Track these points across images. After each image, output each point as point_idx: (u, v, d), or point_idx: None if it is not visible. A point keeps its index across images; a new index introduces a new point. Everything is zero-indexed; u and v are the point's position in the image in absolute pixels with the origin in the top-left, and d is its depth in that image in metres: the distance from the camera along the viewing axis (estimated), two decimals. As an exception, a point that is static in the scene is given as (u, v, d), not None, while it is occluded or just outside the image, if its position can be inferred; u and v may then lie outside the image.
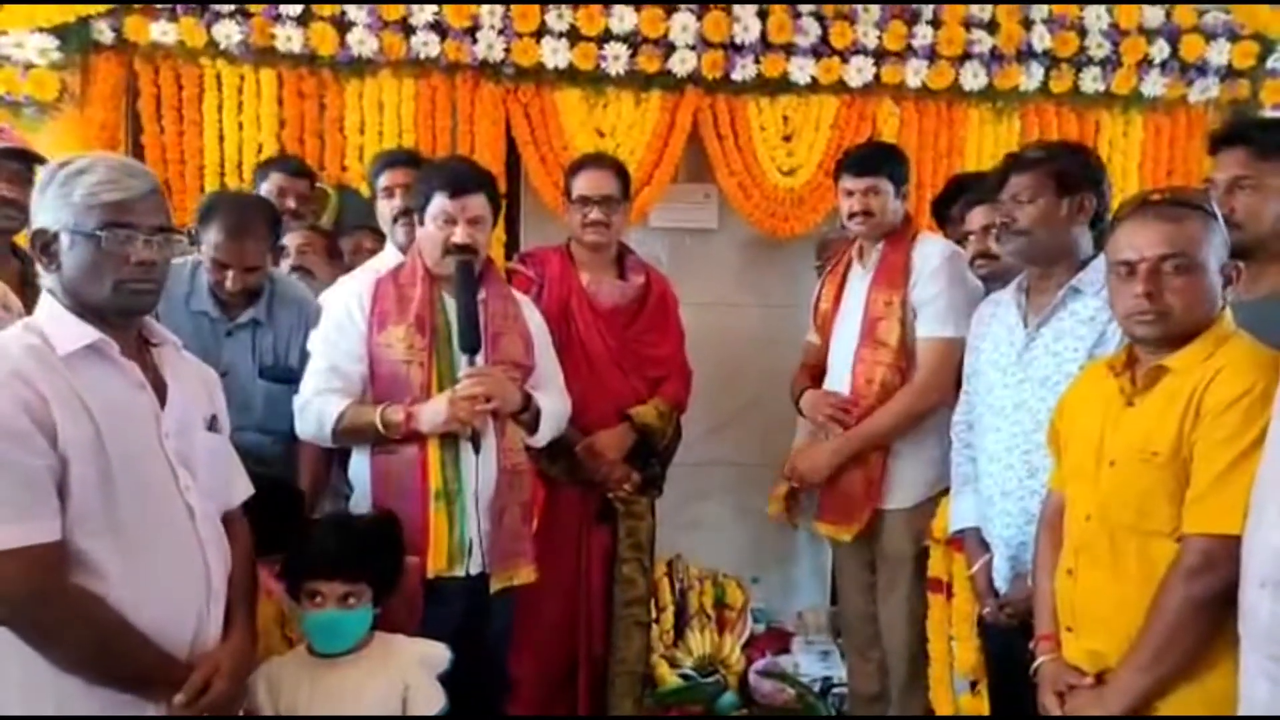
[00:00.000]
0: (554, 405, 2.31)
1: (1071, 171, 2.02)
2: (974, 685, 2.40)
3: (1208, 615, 1.45)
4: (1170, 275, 1.55)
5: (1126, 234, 1.61)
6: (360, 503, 2.14)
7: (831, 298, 2.71)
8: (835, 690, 3.16)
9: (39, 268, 1.43)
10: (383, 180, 2.57)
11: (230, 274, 2.23)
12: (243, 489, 1.67)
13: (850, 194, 2.56)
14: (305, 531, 1.82)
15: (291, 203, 2.79)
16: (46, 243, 1.41)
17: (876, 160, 2.61)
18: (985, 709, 2.30)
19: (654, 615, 3.22)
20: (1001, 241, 2.10)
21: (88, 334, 1.39)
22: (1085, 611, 1.65)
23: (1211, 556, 1.44)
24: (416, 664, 1.79)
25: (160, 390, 1.47)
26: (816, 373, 2.73)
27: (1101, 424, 1.64)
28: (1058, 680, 1.66)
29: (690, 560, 3.50)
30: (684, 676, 3.15)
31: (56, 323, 1.40)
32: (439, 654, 1.82)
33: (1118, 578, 1.58)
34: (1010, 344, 2.08)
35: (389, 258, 2.47)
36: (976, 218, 2.45)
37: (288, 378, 2.25)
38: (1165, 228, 1.57)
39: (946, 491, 2.48)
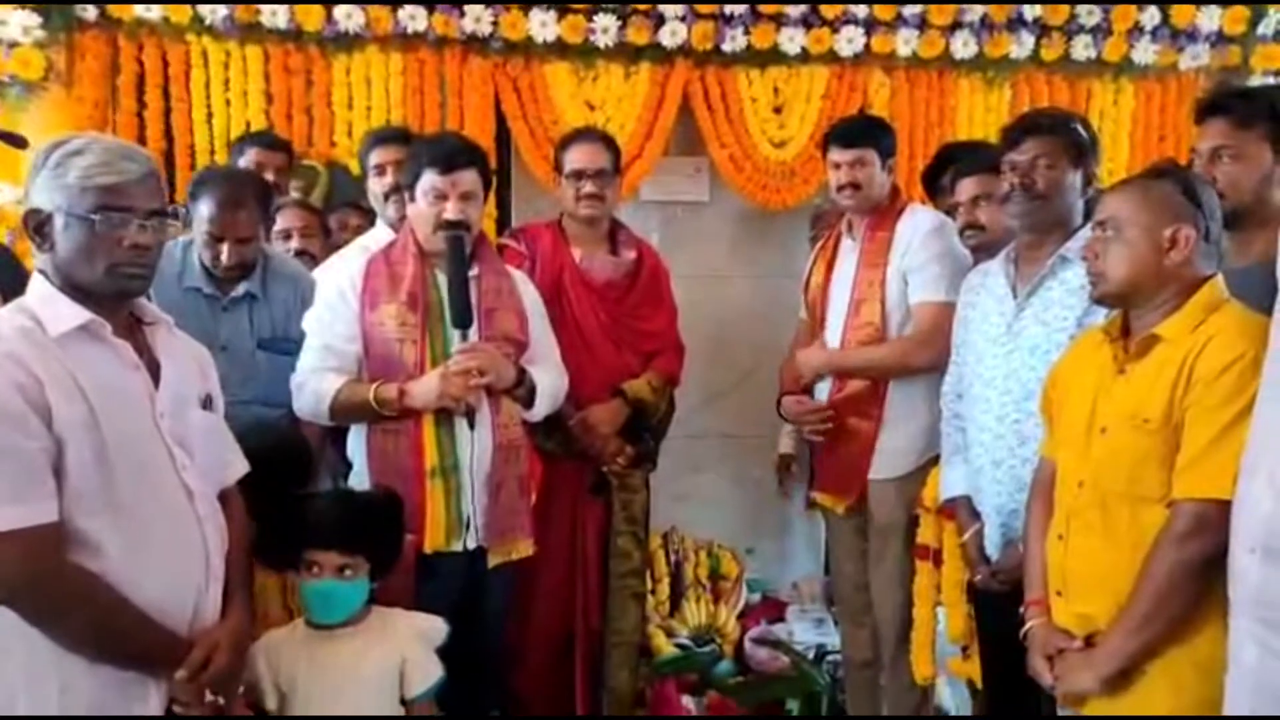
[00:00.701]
0: (550, 380, 2.32)
1: (1083, 143, 2.05)
2: (964, 650, 2.44)
3: (1197, 579, 1.47)
4: (1102, 240, 1.64)
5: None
6: (358, 480, 2.15)
7: (823, 272, 2.71)
8: (829, 657, 3.20)
9: (31, 247, 1.43)
10: (374, 158, 2.56)
11: (225, 247, 2.22)
12: (238, 467, 1.68)
13: (838, 166, 2.56)
14: (305, 503, 1.83)
15: (270, 176, 2.77)
16: (40, 223, 1.41)
17: (862, 132, 2.61)
18: (974, 673, 2.34)
19: (650, 587, 3.25)
20: (1011, 202, 2.03)
21: (80, 315, 1.39)
22: (1075, 576, 1.67)
23: (1202, 521, 1.46)
24: (413, 637, 1.81)
25: (154, 370, 1.48)
26: None
27: (1094, 392, 1.66)
28: (1047, 644, 1.68)
29: (685, 532, 3.53)
30: (680, 646, 3.19)
31: (48, 304, 1.40)
32: (436, 627, 1.85)
33: (1109, 543, 1.60)
34: (1000, 314, 2.09)
35: (380, 235, 2.46)
36: (966, 188, 2.44)
37: (287, 350, 2.25)
38: (1114, 195, 1.66)
39: (935, 460, 2.50)
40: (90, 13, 2.93)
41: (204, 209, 2.23)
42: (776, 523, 3.72)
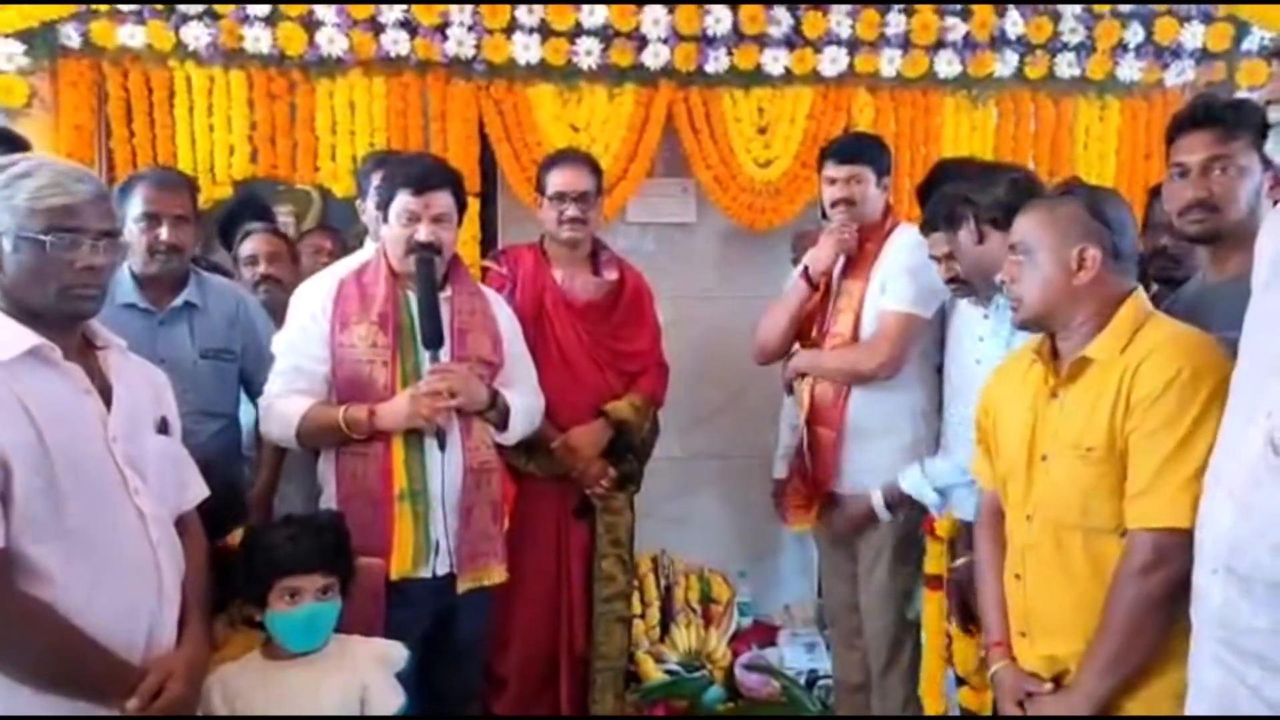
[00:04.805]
0: (525, 402, 2.30)
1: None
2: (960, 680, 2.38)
3: (1164, 610, 1.43)
4: (1017, 264, 1.64)
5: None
6: (327, 504, 2.11)
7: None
8: (821, 682, 3.16)
9: None
10: (376, 179, 2.53)
11: (163, 227, 2.20)
12: (196, 491, 1.65)
13: (833, 182, 2.57)
14: (266, 533, 1.80)
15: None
16: None
17: (860, 148, 2.62)
18: (985, 703, 2.28)
19: (640, 611, 3.22)
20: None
21: (29, 339, 1.38)
22: (1037, 616, 1.62)
23: (1161, 550, 1.42)
24: (373, 663, 1.78)
25: (106, 394, 1.46)
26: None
27: (1031, 417, 1.62)
28: (1016, 689, 1.63)
29: (677, 555, 3.50)
30: (670, 672, 3.15)
31: None
32: (396, 653, 1.82)
33: (1066, 579, 1.56)
34: (969, 335, 2.11)
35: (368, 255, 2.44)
36: (938, 244, 2.27)
37: (229, 359, 2.26)
38: (1023, 217, 1.66)
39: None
40: (74, 40, 2.94)
41: (137, 196, 2.22)
42: (768, 545, 3.68)
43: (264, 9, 2.97)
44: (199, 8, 2.96)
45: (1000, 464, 1.72)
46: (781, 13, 3.16)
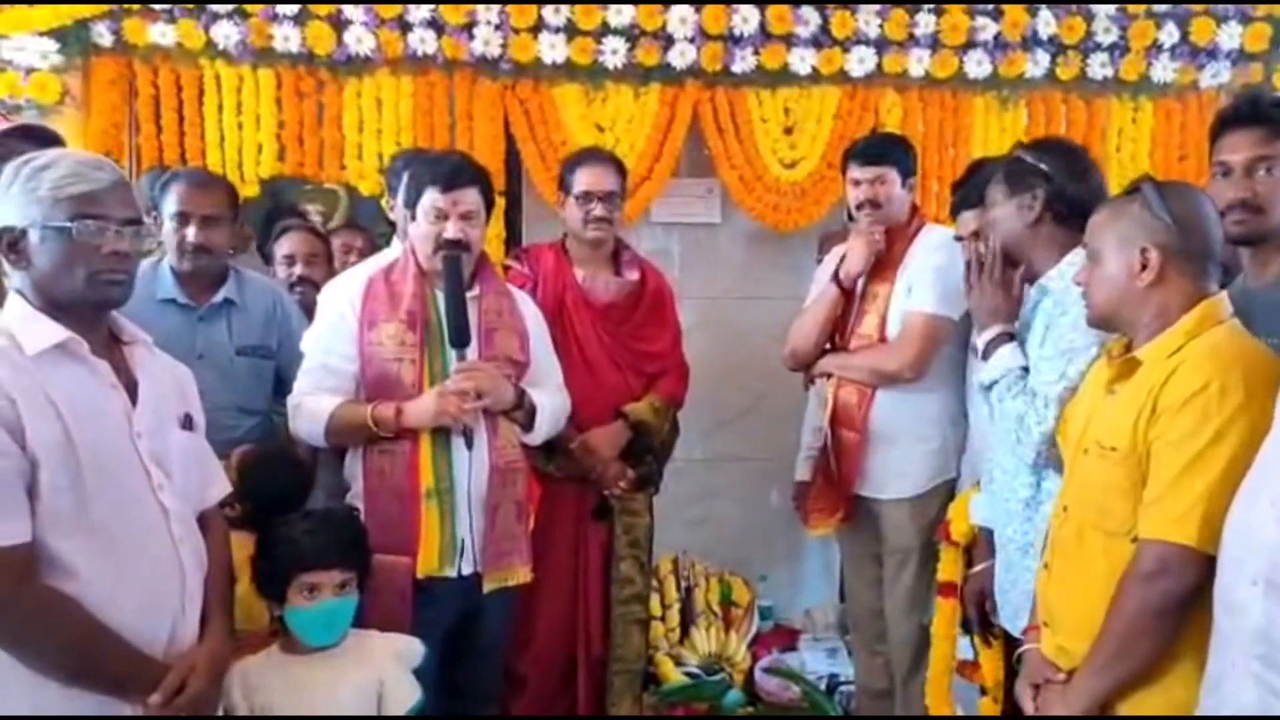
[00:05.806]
0: (552, 401, 2.29)
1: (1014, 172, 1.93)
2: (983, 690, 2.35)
3: (1165, 620, 1.41)
4: (1088, 269, 1.63)
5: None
6: (354, 501, 2.11)
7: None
8: (842, 688, 3.14)
9: (6, 267, 1.43)
10: (404, 178, 2.53)
11: (190, 227, 2.23)
12: (219, 488, 1.66)
13: (857, 184, 2.55)
14: (286, 528, 1.81)
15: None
16: (14, 240, 1.41)
17: (884, 149, 2.60)
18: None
19: (660, 613, 3.20)
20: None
21: (57, 333, 1.38)
22: (1056, 608, 1.62)
23: (1165, 562, 1.40)
24: (391, 659, 1.78)
25: (132, 389, 1.47)
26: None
27: (1089, 410, 1.61)
28: (1035, 672, 1.64)
29: (697, 557, 3.48)
30: (689, 674, 3.13)
31: (25, 322, 1.39)
32: (413, 649, 1.82)
33: (1085, 576, 1.55)
34: None
35: (397, 254, 2.44)
36: (968, 223, 2.27)
37: (266, 356, 2.28)
38: (1093, 220, 1.63)
39: (949, 483, 2.46)
40: (106, 38, 2.97)
41: (173, 194, 2.26)
42: (790, 549, 3.65)
43: (293, 8, 2.99)
44: (229, 7, 2.98)
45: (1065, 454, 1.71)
46: (809, 12, 3.14)
